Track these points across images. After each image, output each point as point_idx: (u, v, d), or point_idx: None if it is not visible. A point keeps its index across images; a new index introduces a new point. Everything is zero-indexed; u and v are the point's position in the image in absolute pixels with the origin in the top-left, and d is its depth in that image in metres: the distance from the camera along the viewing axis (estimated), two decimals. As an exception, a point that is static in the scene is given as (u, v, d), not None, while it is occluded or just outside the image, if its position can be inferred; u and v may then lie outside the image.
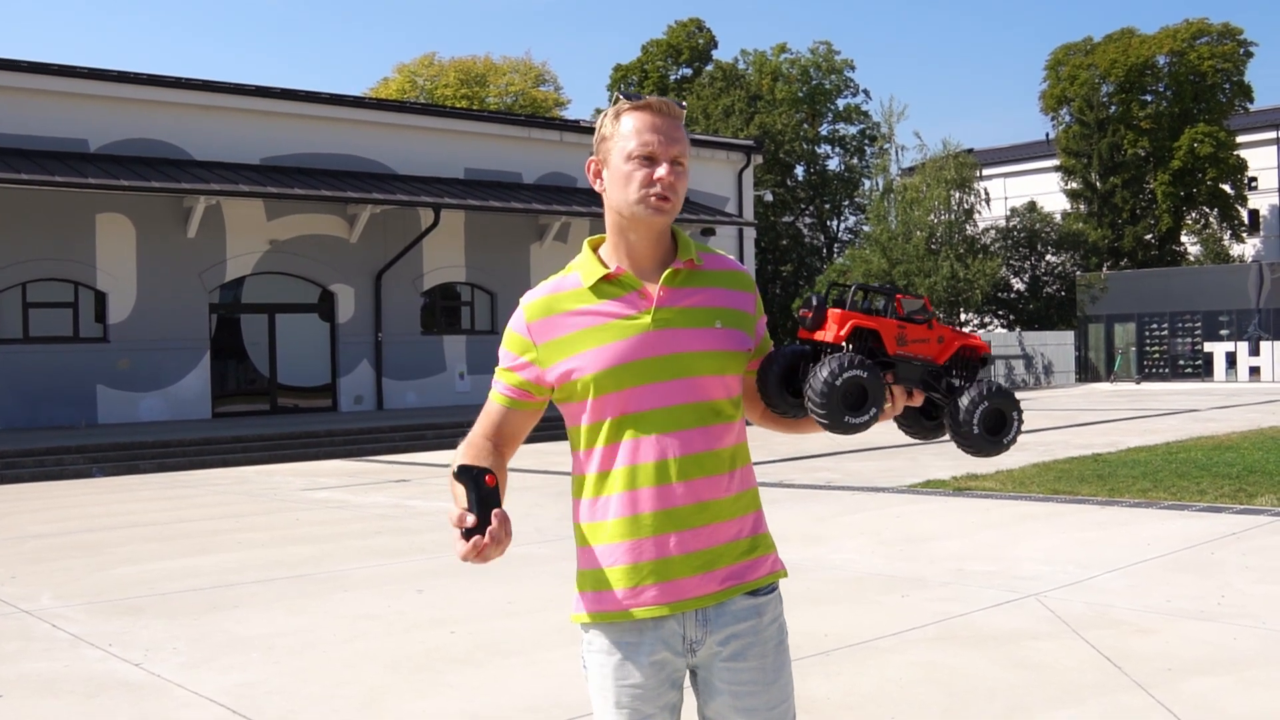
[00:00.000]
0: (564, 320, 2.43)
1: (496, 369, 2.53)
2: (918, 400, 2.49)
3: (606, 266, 2.46)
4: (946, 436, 2.52)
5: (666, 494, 2.38)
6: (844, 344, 2.44)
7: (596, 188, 2.48)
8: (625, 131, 2.40)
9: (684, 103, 2.52)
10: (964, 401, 2.42)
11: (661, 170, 2.38)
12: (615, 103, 2.45)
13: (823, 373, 2.34)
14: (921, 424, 2.55)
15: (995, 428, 2.43)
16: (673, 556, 2.39)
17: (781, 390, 2.45)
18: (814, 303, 2.47)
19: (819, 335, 2.45)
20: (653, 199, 2.38)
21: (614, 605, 2.42)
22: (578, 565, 2.50)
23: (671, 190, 2.39)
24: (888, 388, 2.41)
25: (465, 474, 2.28)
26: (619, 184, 2.41)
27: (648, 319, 2.40)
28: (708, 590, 2.41)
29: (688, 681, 2.52)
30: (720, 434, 2.44)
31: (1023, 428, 2.46)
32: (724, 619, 2.43)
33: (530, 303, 2.48)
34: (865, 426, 2.39)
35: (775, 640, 2.49)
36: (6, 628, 7.01)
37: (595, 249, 2.51)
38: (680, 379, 2.39)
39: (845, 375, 2.33)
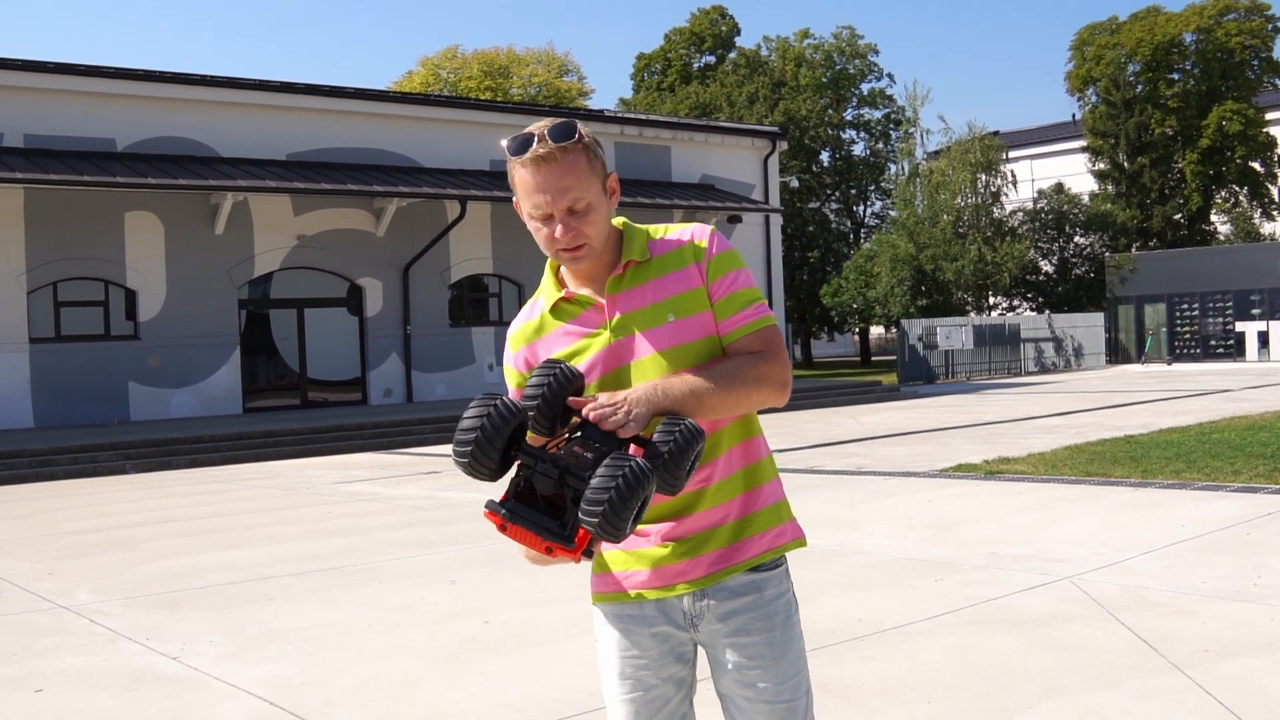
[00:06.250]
0: (540, 346, 2.48)
1: None
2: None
3: (562, 287, 2.48)
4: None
5: None
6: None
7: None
8: (519, 188, 2.35)
9: (577, 129, 2.33)
10: None
11: (559, 230, 2.33)
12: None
13: None
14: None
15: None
16: (656, 547, 2.44)
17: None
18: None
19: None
20: (563, 254, 2.37)
21: (613, 586, 2.50)
22: None
23: (579, 236, 2.35)
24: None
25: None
26: (534, 235, 2.40)
27: (607, 332, 2.41)
28: (696, 574, 2.44)
29: (704, 658, 2.54)
30: None
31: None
32: (722, 594, 2.44)
33: (512, 334, 2.54)
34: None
35: (782, 615, 2.47)
36: (45, 623, 7.09)
37: (555, 269, 2.51)
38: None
39: None
